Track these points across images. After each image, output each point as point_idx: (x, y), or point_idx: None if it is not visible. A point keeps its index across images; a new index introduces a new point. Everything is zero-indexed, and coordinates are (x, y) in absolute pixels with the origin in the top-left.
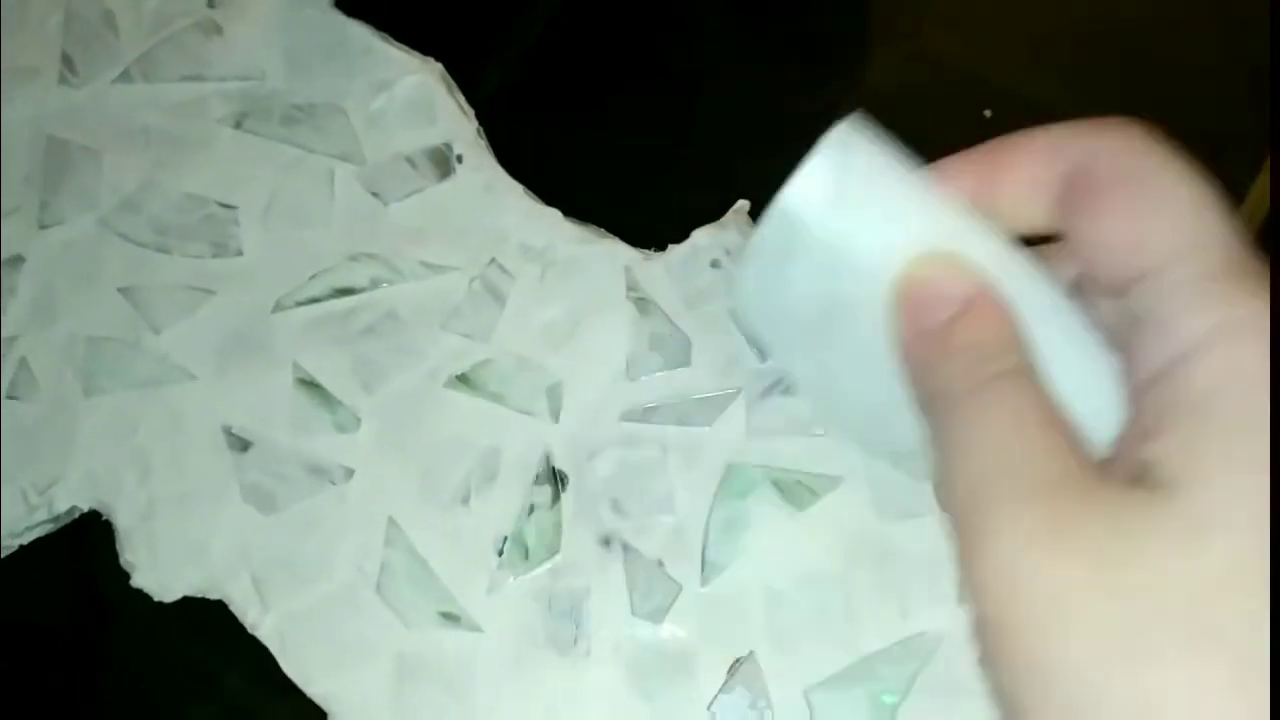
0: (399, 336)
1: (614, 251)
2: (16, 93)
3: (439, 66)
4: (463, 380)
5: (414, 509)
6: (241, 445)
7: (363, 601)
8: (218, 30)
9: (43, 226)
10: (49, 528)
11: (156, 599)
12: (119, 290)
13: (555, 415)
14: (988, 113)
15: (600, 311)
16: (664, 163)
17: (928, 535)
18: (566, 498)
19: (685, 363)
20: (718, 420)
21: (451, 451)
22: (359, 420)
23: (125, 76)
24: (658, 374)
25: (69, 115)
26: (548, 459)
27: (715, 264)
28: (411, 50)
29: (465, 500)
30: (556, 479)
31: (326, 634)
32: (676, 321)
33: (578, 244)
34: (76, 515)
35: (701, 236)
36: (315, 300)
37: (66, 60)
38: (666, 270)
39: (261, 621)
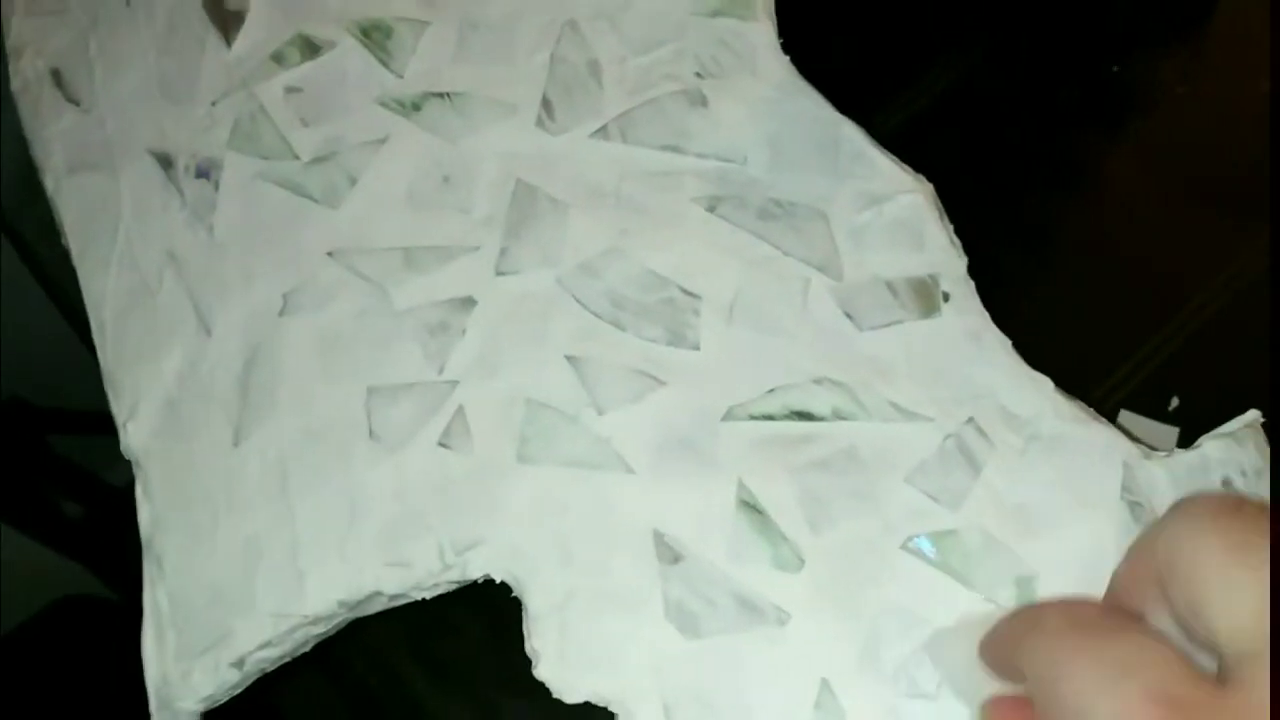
0: (855, 479)
1: (1111, 442)
2: (490, 127)
3: (930, 187)
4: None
5: (851, 676)
6: (672, 556)
7: None
8: (703, 102)
9: (499, 273)
10: (453, 588)
11: (556, 695)
12: (566, 357)
13: None
14: None
15: (1088, 507)
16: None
17: None
18: None
19: None
20: None
21: (899, 623)
22: (802, 562)
23: (603, 132)
24: None
25: (541, 161)
26: None
27: (1227, 483)
28: (905, 165)
29: (910, 679)
30: None
31: None
32: None
33: (1069, 423)
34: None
35: (1213, 448)
36: (770, 418)
37: (546, 104)
38: (1170, 477)
39: None
